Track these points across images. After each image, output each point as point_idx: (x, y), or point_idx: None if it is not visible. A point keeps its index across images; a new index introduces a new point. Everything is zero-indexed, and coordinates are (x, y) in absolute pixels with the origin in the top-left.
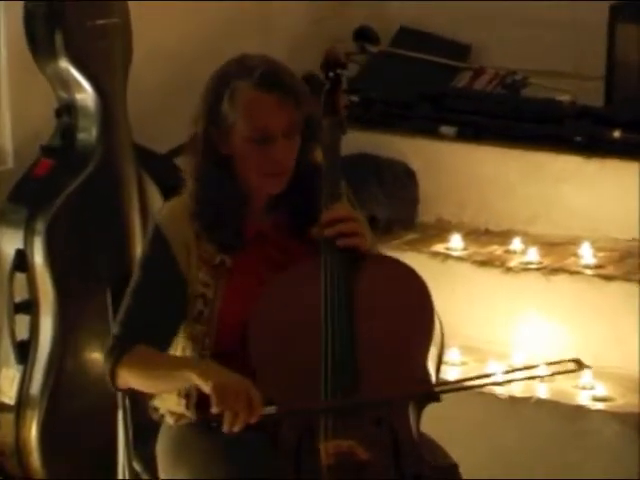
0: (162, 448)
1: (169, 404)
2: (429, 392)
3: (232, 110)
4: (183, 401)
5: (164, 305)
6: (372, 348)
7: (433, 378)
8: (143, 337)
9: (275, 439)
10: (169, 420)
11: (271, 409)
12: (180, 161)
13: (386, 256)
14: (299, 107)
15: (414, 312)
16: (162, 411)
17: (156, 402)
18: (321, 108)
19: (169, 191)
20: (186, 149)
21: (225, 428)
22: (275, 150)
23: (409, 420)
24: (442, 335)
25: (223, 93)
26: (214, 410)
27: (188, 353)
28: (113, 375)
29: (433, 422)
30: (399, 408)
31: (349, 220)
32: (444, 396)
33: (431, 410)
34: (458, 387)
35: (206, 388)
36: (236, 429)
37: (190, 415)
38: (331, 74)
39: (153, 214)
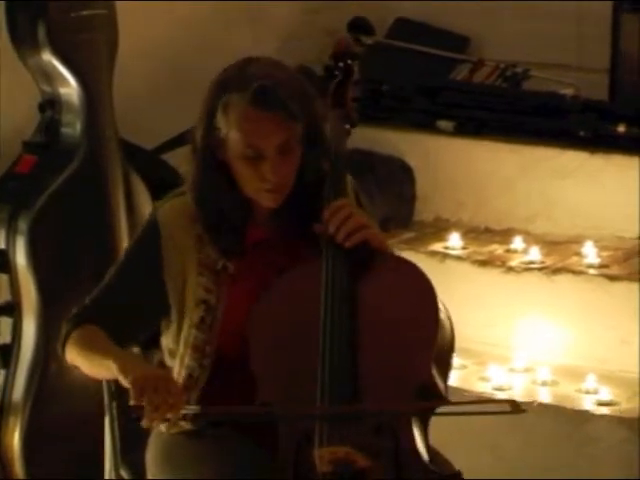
0: (152, 455)
1: None
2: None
3: (225, 123)
4: None
5: (133, 299)
6: (374, 352)
7: (440, 382)
8: (101, 319)
9: (272, 448)
10: (161, 426)
11: (194, 408)
12: (181, 162)
13: (391, 255)
14: (297, 121)
15: (418, 315)
16: None
17: None
18: (328, 100)
19: (157, 188)
20: (189, 151)
21: (144, 422)
22: (267, 168)
23: (412, 427)
24: (453, 337)
25: (217, 104)
26: (132, 402)
27: (187, 361)
28: (64, 345)
29: (434, 428)
30: (402, 415)
31: (351, 217)
32: None
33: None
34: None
35: (125, 381)
36: (155, 424)
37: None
38: (341, 64)
39: (153, 207)
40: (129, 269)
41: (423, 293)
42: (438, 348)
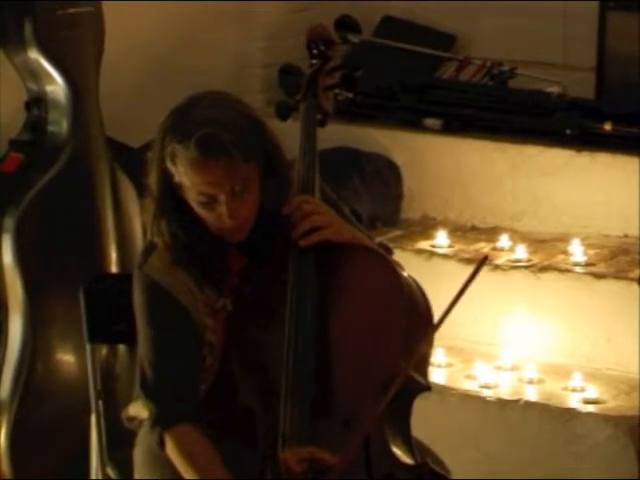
0: (139, 453)
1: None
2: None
3: (176, 171)
4: None
5: (192, 362)
6: (342, 347)
7: (419, 375)
8: (182, 410)
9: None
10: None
11: None
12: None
13: (356, 248)
14: (248, 162)
15: (384, 305)
16: (142, 416)
17: (132, 411)
18: (301, 92)
19: (143, 186)
20: (146, 197)
21: None
22: (223, 212)
23: (382, 421)
24: (430, 318)
25: (165, 153)
26: None
27: None
28: (162, 444)
29: (420, 425)
30: (370, 407)
31: (308, 215)
32: (430, 399)
33: (418, 413)
34: None
35: None
36: None
37: None
38: (315, 52)
39: (136, 270)
40: (171, 342)
41: (386, 283)
42: (412, 336)
